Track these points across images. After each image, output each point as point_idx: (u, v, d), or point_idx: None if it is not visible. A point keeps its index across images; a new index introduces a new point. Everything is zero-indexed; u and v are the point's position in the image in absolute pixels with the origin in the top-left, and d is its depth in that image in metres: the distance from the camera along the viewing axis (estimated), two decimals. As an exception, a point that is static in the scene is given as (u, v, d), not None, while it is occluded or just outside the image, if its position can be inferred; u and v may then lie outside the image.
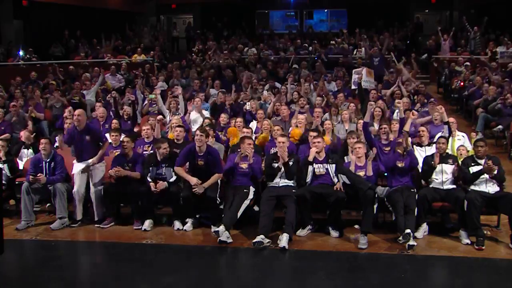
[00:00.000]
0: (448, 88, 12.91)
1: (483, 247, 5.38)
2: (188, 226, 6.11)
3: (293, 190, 5.96)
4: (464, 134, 7.16)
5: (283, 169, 6.08)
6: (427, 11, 21.07)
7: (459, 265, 5.13)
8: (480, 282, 4.81)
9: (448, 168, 5.90)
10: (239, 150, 6.29)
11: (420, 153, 6.44)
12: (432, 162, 5.95)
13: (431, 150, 6.38)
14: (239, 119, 7.87)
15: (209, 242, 5.76)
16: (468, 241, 5.52)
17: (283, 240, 5.49)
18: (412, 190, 5.86)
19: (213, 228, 5.72)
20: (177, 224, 6.16)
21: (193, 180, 6.00)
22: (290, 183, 6.12)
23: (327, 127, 7.18)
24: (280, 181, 6.11)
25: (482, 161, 5.77)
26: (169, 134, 7.69)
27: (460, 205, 5.61)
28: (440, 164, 5.93)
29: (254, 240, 5.49)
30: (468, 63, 12.71)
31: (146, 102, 9.99)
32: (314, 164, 6.04)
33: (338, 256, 5.38)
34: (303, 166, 6.11)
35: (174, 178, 6.26)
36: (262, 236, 5.52)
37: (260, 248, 5.45)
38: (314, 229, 6.00)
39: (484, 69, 11.68)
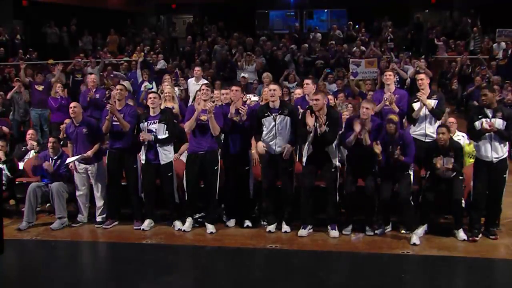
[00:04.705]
0: (448, 88, 12.90)
1: (477, 238, 5.52)
2: (187, 226, 6.09)
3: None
4: (464, 134, 7.14)
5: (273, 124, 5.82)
6: (427, 11, 21.05)
7: (459, 265, 5.14)
8: (480, 282, 4.81)
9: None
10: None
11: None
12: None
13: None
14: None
15: (209, 242, 5.76)
16: (465, 236, 5.57)
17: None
18: (406, 172, 5.69)
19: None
20: (177, 224, 6.15)
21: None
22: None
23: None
24: (277, 143, 5.88)
25: (489, 112, 5.57)
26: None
27: (459, 206, 5.63)
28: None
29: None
30: (467, 63, 12.68)
31: (142, 89, 9.92)
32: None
33: (338, 256, 5.39)
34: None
35: (165, 135, 6.09)
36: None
37: (261, 248, 5.47)
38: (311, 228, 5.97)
39: (483, 68, 11.66)
